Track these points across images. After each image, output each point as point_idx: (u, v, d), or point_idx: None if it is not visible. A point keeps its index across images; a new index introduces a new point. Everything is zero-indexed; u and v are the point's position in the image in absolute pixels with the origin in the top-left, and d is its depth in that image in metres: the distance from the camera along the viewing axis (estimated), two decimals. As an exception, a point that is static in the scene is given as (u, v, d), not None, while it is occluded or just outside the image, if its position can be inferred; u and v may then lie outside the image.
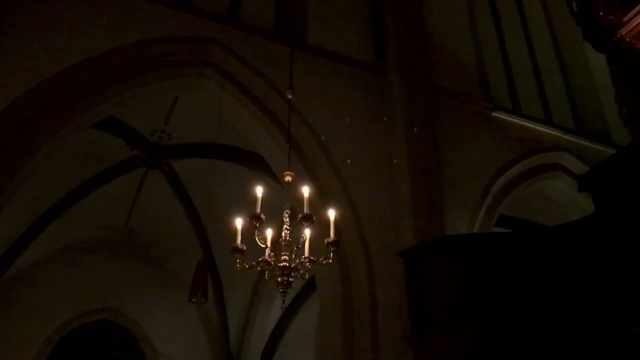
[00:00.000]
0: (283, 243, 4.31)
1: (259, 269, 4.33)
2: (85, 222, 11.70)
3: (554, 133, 9.98)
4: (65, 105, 6.52)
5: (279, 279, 4.20)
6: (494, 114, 9.51)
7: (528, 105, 10.41)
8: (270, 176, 8.70)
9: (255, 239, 4.28)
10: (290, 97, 5.41)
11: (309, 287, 10.83)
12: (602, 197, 5.52)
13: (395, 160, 8.07)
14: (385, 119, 8.43)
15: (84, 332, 12.22)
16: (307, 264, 4.23)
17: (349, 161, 7.77)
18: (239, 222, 4.38)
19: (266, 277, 4.39)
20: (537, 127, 9.86)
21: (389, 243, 7.40)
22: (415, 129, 8.16)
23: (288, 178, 4.71)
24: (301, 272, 4.27)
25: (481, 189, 8.66)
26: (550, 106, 10.79)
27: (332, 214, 4.31)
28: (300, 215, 4.20)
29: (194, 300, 8.14)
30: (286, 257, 4.21)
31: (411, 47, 9.07)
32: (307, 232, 4.24)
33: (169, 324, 12.83)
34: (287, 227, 4.38)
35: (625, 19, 10.34)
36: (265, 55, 7.99)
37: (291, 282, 4.21)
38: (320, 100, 8.11)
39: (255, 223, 4.22)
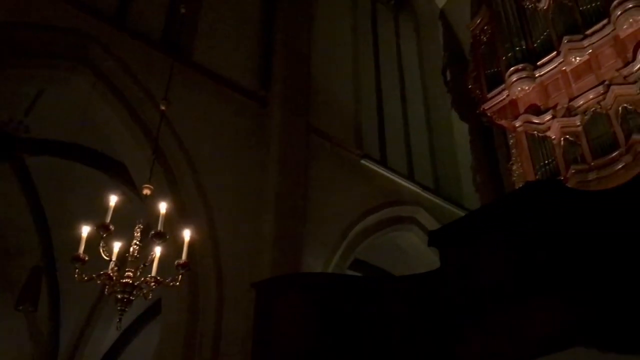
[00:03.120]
0: (129, 258, 4.08)
1: (98, 282, 4.05)
2: None
3: (414, 189, 10.59)
4: None
5: (119, 296, 3.96)
6: (362, 161, 9.91)
7: (394, 159, 10.98)
8: (130, 187, 8.28)
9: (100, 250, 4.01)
10: (163, 108, 5.25)
11: (154, 309, 10.32)
12: (448, 254, 5.87)
13: (263, 192, 8.06)
14: (260, 149, 8.44)
15: None
16: (153, 283, 4.03)
17: (216, 185, 7.63)
18: (85, 230, 4.09)
19: (106, 292, 4.11)
20: (400, 181, 10.42)
21: (245, 273, 7.29)
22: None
23: (147, 191, 4.51)
24: (144, 291, 4.06)
25: (341, 232, 8.91)
26: (413, 163, 11.46)
27: (187, 234, 4.17)
28: (152, 232, 4.02)
29: (21, 307, 7.42)
30: (130, 274, 3.99)
31: (295, 84, 9.25)
32: (157, 250, 4.06)
33: (-10, 330, 11.54)
34: (137, 243, 4.17)
35: (490, 95, 11.51)
36: (145, 62, 7.72)
37: (132, 300, 3.98)
38: (197, 118, 7.95)
39: (102, 233, 3.96)
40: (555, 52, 10.54)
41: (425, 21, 14.30)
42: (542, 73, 10.70)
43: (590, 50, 10.06)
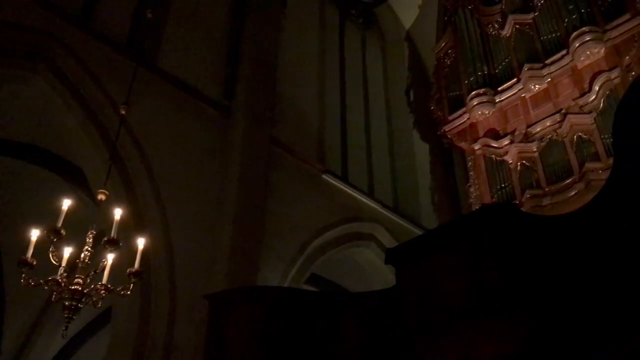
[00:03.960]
0: (80, 265, 3.97)
1: (46, 288, 3.92)
2: None
3: (374, 206, 10.67)
4: None
5: (67, 303, 3.84)
6: (324, 176, 9.95)
7: (356, 176, 11.05)
8: (86, 192, 8.09)
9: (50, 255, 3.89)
10: (123, 112, 5.16)
11: (104, 318, 10.05)
12: (403, 272, 5.90)
13: (222, 203, 7.99)
14: (221, 159, 8.38)
15: None
16: (103, 291, 3.93)
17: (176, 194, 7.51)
18: (34, 233, 3.97)
19: (53, 299, 3.98)
20: (360, 198, 10.48)
21: (199, 284, 7.19)
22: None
23: (102, 196, 4.41)
24: (94, 299, 3.95)
25: (299, 246, 8.89)
26: (374, 181, 11.56)
27: (141, 242, 4.09)
28: (105, 238, 3.92)
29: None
30: (80, 281, 3.88)
31: (260, 96, 9.24)
32: (109, 257, 3.96)
33: None
34: (89, 249, 4.05)
35: (451, 117, 11.73)
36: (108, 66, 7.60)
37: (80, 308, 3.87)
38: (158, 125, 7.85)
39: (52, 237, 3.85)
40: (515, 79, 10.83)
41: (391, 41, 14.53)
42: (502, 98, 10.98)
43: (549, 79, 10.39)
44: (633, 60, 9.45)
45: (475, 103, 11.09)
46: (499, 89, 11.06)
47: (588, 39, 9.71)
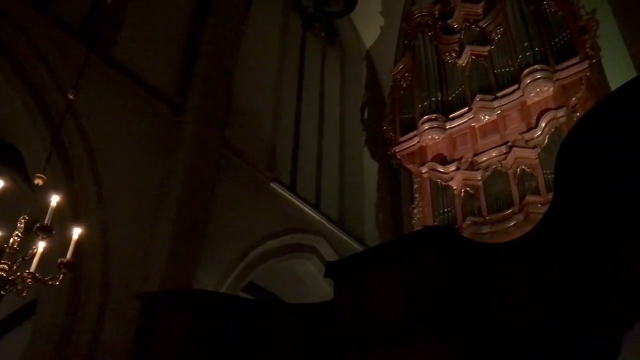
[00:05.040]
0: (7, 250, 3.77)
1: (-33, 272, 3.70)
2: None
3: (319, 219, 10.67)
4: None
5: (-12, 289, 3.63)
6: (272, 184, 9.88)
7: (304, 187, 11.02)
8: (22, 176, 7.72)
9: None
10: (71, 97, 4.97)
11: (28, 310, 9.58)
12: (341, 287, 5.91)
13: (165, 201, 7.80)
14: (168, 157, 8.19)
15: None
16: (29, 280, 3.74)
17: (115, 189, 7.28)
18: (-40, 213, 3.75)
19: (-26, 284, 3.76)
20: (306, 209, 10.46)
21: (133, 282, 6.96)
22: None
23: (39, 181, 4.22)
24: (19, 287, 3.75)
25: (240, 252, 8.77)
26: (322, 194, 11.57)
27: (76, 232, 3.93)
28: (38, 225, 3.74)
29: None
30: (5, 267, 3.68)
31: (214, 97, 9.11)
32: (40, 245, 3.78)
33: None
34: (19, 234, 3.86)
35: (402, 139, 11.91)
36: (59, 49, 7.33)
37: (2, 295, 3.66)
38: (107, 115, 7.61)
39: (-21, 219, 3.65)
40: (467, 108, 11.13)
41: (351, 58, 14.69)
42: (453, 126, 11.25)
43: (499, 111, 10.71)
44: (579, 102, 9.88)
45: (426, 127, 11.32)
46: (451, 116, 11.34)
47: (539, 76, 10.09)
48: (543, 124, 9.92)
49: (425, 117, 11.41)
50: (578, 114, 9.53)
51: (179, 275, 7.31)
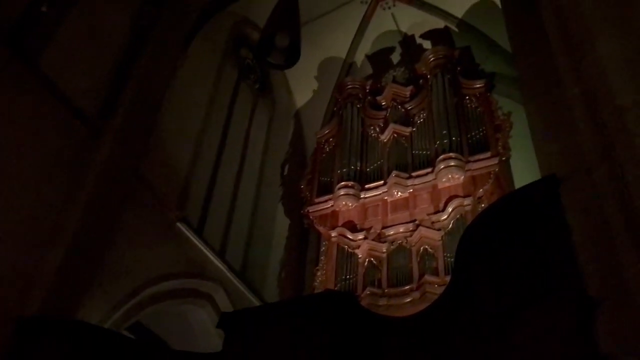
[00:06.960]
0: None
1: None
2: None
3: (220, 267, 10.46)
4: None
5: None
6: (178, 224, 9.64)
7: (211, 232, 10.81)
8: None
9: None
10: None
11: None
12: (232, 340, 5.78)
13: (61, 224, 7.34)
14: (74, 179, 7.81)
15: None
16: None
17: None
18: None
19: None
20: (209, 255, 10.24)
21: (11, 305, 6.42)
22: None
23: None
24: None
25: (132, 289, 8.38)
26: (228, 242, 11.38)
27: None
28: None
29: None
30: None
31: (136, 126, 8.87)
32: None
33: None
34: None
35: (317, 200, 12.08)
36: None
37: None
38: (19, 125, 7.20)
39: None
40: (382, 181, 11.53)
41: (280, 114, 14.93)
42: (367, 196, 11.58)
43: (411, 190, 11.17)
44: (485, 194, 10.49)
45: (342, 193, 11.58)
46: (366, 186, 11.69)
47: (452, 164, 10.67)
48: (450, 209, 10.39)
49: (343, 183, 11.69)
50: (483, 205, 10.09)
51: (63, 303, 6.86)
